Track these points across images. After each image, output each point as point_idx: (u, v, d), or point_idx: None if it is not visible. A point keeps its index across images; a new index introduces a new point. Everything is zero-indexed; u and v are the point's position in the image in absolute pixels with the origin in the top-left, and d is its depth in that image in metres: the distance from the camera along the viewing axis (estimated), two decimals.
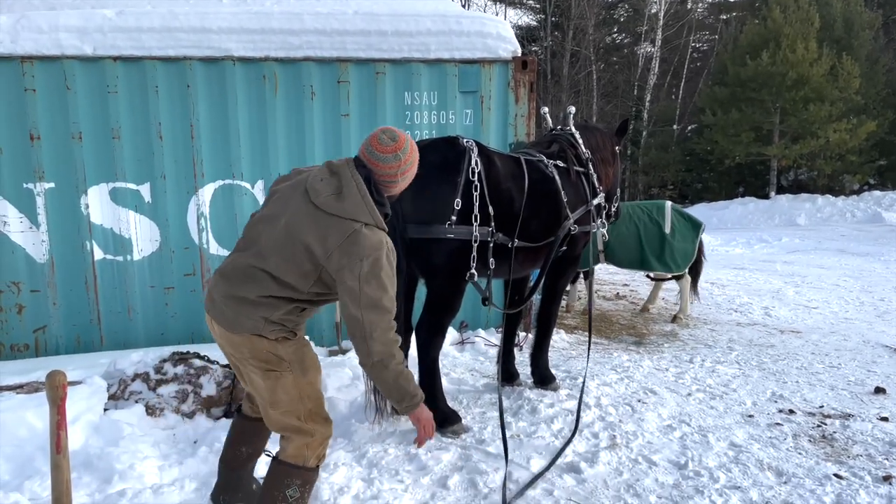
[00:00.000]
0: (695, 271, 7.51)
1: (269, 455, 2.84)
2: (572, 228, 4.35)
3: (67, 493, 2.43)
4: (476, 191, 3.79)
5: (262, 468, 3.33)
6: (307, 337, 2.99)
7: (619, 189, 5.34)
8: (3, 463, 3.45)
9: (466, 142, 3.91)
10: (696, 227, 7.22)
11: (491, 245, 3.92)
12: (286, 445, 2.69)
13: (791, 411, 4.55)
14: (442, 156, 3.83)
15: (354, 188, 2.52)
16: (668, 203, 7.35)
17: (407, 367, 2.65)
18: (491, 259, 3.94)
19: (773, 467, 3.66)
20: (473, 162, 3.81)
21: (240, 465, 3.02)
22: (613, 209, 5.20)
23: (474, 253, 3.83)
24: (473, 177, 3.79)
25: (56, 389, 2.30)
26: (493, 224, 3.88)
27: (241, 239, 2.72)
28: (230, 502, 3.00)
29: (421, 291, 4.20)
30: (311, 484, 2.73)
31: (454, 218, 3.76)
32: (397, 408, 2.68)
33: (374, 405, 3.95)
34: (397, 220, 3.64)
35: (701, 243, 7.33)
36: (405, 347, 4.24)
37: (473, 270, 3.86)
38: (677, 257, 7.09)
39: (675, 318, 7.45)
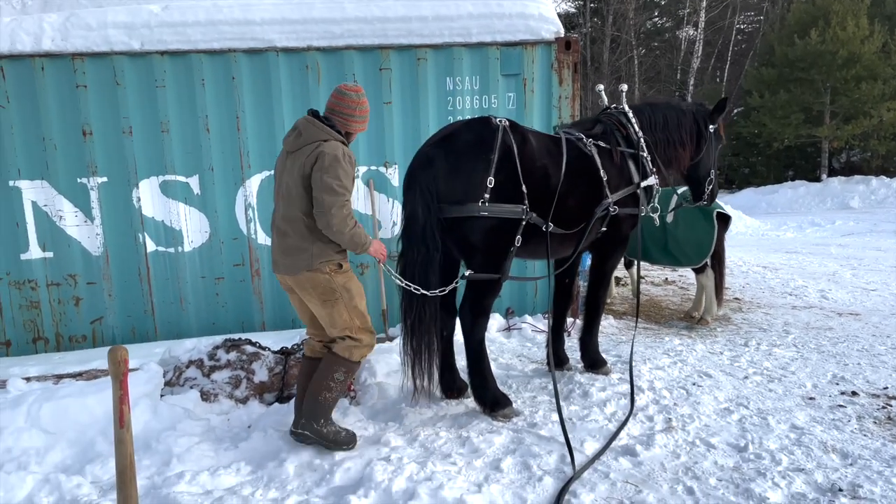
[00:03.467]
0: (717, 269, 6.41)
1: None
2: (612, 209, 4.27)
3: (131, 466, 2.46)
4: (508, 167, 3.75)
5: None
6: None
7: (713, 171, 5.03)
8: (67, 448, 3.54)
9: (499, 121, 3.87)
10: (707, 214, 6.15)
11: (523, 223, 3.87)
12: (339, 343, 3.49)
13: (854, 393, 4.39)
14: (475, 134, 3.81)
15: (306, 123, 3.35)
16: (680, 190, 6.27)
17: (358, 227, 3.34)
18: (518, 237, 3.88)
19: (838, 449, 3.53)
20: (506, 139, 3.78)
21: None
22: (707, 191, 5.06)
23: (520, 232, 3.81)
24: (506, 154, 3.75)
25: (118, 364, 2.33)
26: (526, 202, 3.83)
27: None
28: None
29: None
30: (353, 372, 3.60)
31: (487, 196, 3.73)
32: (356, 252, 3.41)
33: (414, 384, 3.93)
34: (432, 200, 3.70)
35: (720, 236, 6.29)
36: (450, 331, 4.22)
37: (517, 244, 3.84)
38: (685, 248, 6.30)
39: (700, 320, 6.41)
